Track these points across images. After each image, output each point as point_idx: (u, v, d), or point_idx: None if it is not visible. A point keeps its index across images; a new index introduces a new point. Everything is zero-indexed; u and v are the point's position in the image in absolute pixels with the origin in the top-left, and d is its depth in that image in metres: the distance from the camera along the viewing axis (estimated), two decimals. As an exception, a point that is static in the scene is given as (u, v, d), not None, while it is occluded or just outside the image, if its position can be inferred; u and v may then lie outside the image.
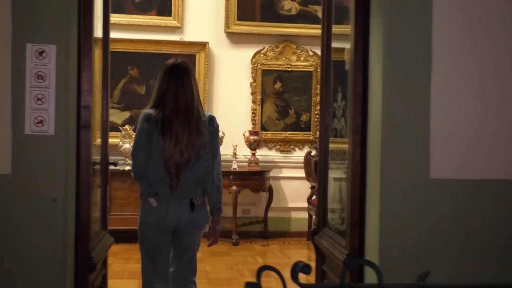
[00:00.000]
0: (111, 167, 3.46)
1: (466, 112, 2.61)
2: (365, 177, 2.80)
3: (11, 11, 2.42)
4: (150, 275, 3.21)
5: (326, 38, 3.41)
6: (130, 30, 7.02)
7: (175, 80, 3.10)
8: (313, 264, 5.97)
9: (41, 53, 2.43)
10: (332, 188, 3.30)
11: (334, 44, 3.41)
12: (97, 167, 3.12)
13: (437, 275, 2.56)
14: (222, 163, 3.29)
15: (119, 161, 5.91)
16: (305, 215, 7.36)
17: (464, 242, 2.60)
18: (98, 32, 3.05)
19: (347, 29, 2.95)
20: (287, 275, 1.33)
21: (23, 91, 2.44)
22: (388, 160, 2.57)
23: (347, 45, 3.12)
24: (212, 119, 3.25)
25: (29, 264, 2.49)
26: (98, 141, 3.22)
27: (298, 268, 1.48)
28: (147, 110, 3.14)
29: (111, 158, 3.47)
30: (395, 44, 2.56)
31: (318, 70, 7.49)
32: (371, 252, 2.70)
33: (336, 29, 3.40)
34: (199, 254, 6.27)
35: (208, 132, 3.19)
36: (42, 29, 2.46)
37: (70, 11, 2.51)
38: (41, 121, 2.44)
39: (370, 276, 2.62)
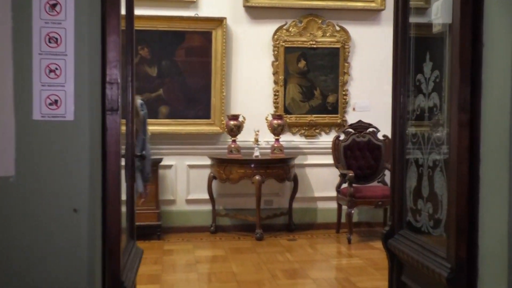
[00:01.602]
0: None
1: None
2: (476, 169, 2.15)
3: None
4: None
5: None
6: (139, 6, 6.21)
7: None
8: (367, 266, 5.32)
9: (53, 6, 1.73)
10: (415, 180, 2.65)
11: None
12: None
13: None
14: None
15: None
16: (333, 205, 6.83)
17: None
18: None
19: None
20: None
21: (29, 59, 1.74)
22: (522, 146, 1.92)
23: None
24: (142, 104, 4.01)
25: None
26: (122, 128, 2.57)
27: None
28: None
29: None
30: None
31: (346, 46, 6.86)
32: (490, 266, 2.07)
33: None
34: (222, 252, 5.74)
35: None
36: (54, -27, 1.77)
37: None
38: (55, 102, 1.76)
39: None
